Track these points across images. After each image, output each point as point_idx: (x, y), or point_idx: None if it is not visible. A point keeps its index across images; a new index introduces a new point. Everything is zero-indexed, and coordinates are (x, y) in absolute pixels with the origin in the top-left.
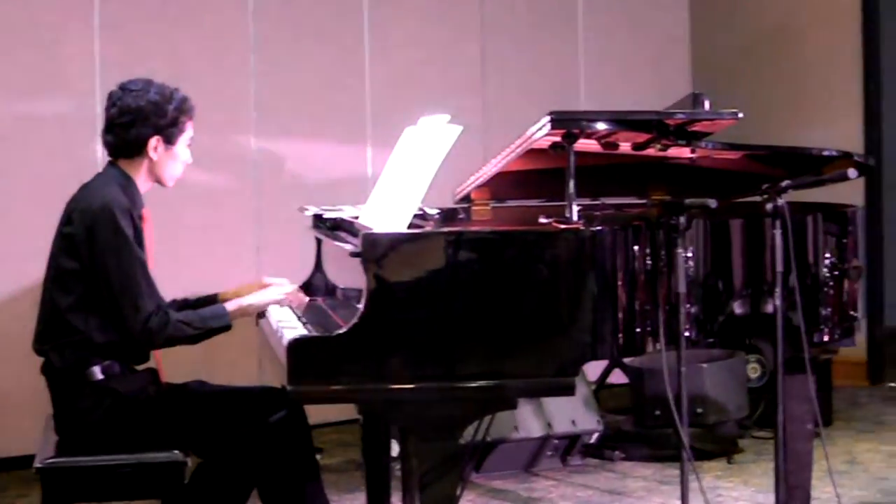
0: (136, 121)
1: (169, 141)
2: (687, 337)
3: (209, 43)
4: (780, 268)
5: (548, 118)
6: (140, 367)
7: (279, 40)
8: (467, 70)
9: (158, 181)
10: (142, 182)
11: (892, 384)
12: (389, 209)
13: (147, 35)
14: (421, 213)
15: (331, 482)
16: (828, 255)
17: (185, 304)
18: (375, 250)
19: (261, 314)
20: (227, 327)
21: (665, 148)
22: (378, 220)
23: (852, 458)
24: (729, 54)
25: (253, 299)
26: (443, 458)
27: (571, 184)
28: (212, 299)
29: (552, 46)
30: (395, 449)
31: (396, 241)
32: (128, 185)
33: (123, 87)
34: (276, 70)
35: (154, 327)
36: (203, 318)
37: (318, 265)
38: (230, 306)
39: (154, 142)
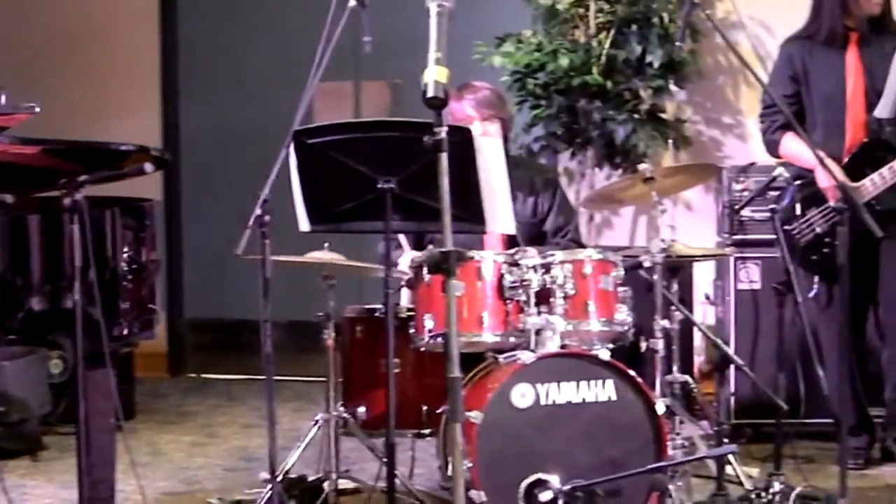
0: None
1: None
2: None
3: None
4: (78, 263)
5: None
6: None
7: None
8: None
9: None
10: None
11: (192, 375)
12: None
13: None
14: None
15: None
16: (126, 249)
17: None
18: None
19: None
20: None
21: None
22: None
23: (155, 450)
24: (30, 48)
25: None
26: None
27: None
28: None
29: None
30: None
31: None
32: None
33: None
34: None
35: None
36: None
37: None
38: None
39: None
